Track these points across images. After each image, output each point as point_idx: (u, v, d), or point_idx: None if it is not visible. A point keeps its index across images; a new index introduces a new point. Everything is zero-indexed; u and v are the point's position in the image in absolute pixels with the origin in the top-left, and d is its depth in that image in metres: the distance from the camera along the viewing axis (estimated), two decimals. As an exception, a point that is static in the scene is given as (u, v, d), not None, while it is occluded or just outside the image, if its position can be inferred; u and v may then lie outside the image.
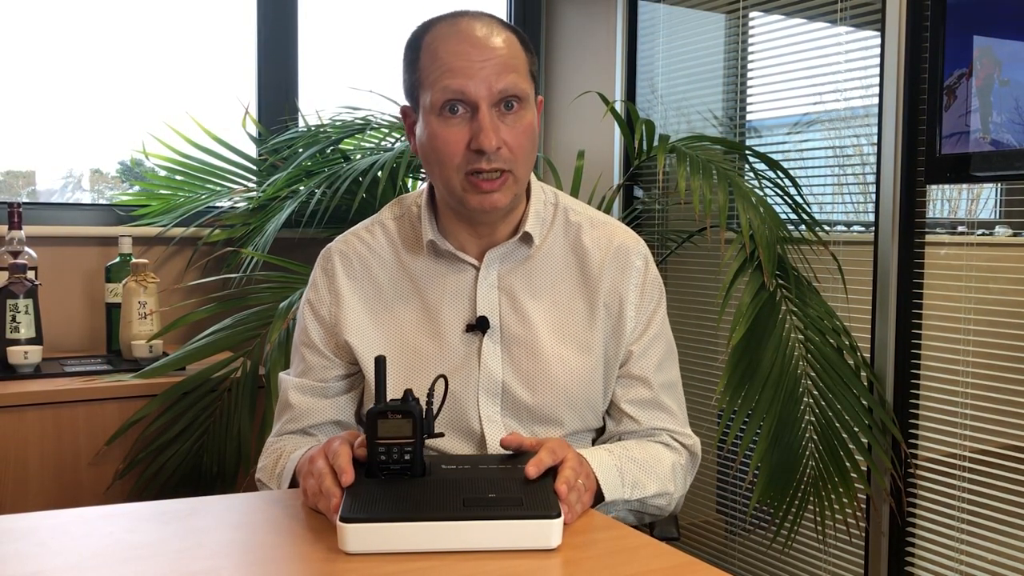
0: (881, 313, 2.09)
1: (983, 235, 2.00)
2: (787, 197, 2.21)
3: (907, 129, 2.01)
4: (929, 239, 2.04)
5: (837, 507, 2.01)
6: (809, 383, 2.01)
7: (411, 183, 2.54)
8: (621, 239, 1.35)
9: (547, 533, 0.99)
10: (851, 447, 2.00)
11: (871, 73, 2.14)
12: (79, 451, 1.92)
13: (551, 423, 1.30)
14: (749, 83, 2.49)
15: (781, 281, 2.06)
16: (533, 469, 1.08)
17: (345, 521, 0.98)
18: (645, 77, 2.76)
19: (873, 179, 2.10)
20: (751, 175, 2.33)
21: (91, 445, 1.92)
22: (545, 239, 1.34)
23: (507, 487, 1.05)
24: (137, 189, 2.64)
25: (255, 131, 2.61)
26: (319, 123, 2.56)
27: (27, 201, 2.43)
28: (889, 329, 2.07)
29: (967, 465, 1.96)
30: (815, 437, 2.00)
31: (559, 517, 1.00)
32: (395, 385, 1.26)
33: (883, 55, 2.05)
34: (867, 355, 2.11)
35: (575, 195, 2.29)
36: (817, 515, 2.03)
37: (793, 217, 2.22)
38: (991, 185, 2.08)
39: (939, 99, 1.91)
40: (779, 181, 2.23)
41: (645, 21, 2.75)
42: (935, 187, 2.06)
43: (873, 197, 2.10)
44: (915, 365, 2.06)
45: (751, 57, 2.49)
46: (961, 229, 2.04)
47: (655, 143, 2.31)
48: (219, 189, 2.53)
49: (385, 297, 1.33)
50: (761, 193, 2.23)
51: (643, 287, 1.34)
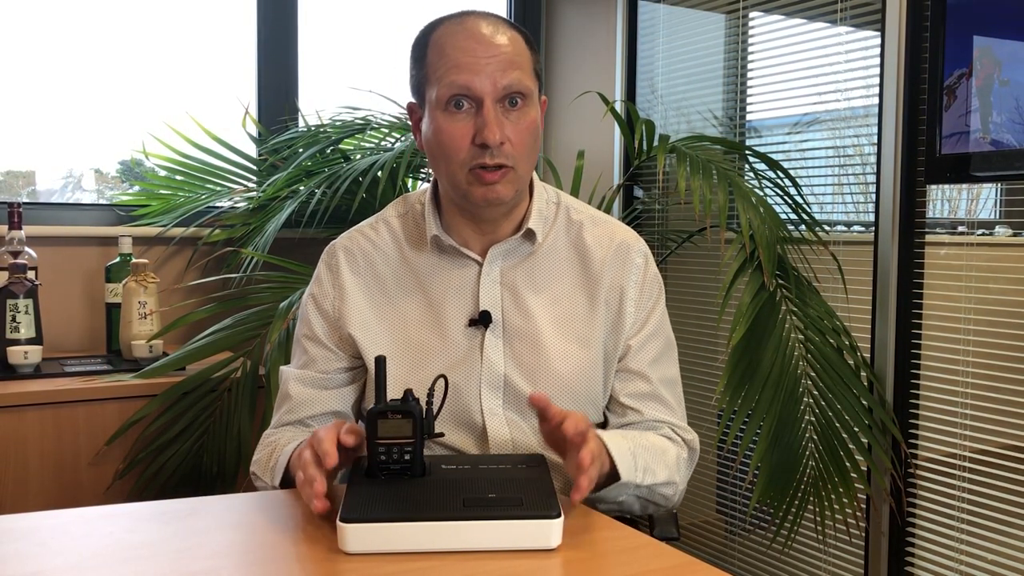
0: (881, 313, 2.09)
1: (983, 235, 2.00)
2: (787, 197, 2.21)
3: (907, 129, 2.01)
4: (929, 239, 2.04)
5: (837, 507, 2.01)
6: (809, 383, 2.01)
7: (411, 183, 2.54)
8: (622, 237, 1.38)
9: (547, 533, 1.00)
10: (851, 447, 2.00)
11: (871, 73, 2.14)
12: (79, 451, 1.92)
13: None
14: (749, 83, 2.49)
15: (781, 281, 2.06)
16: (572, 429, 1.07)
17: (345, 521, 0.98)
18: (645, 77, 2.76)
19: (873, 179, 2.10)
20: (751, 175, 2.33)
21: (91, 445, 1.92)
22: (547, 236, 1.36)
23: (507, 487, 1.06)
24: (137, 189, 2.64)
25: (255, 131, 2.61)
26: (319, 123, 2.56)
27: (27, 201, 2.43)
28: (889, 329, 2.07)
29: (967, 465, 1.96)
30: (815, 437, 2.00)
31: (559, 517, 1.00)
32: (398, 379, 1.28)
33: (883, 55, 2.05)
34: (867, 355, 2.11)
35: (575, 195, 2.28)
36: (817, 515, 2.03)
37: (793, 217, 2.22)
38: (991, 185, 2.08)
39: (939, 99, 1.91)
40: (779, 181, 2.23)
41: (645, 21, 2.75)
42: (935, 187, 2.06)
43: (873, 197, 2.10)
44: (915, 365, 2.06)
45: (751, 57, 2.49)
46: (961, 229, 2.04)
47: (655, 143, 2.31)
48: (219, 189, 2.53)
49: (389, 292, 1.34)
50: (761, 193, 2.23)
51: (643, 283, 1.36)
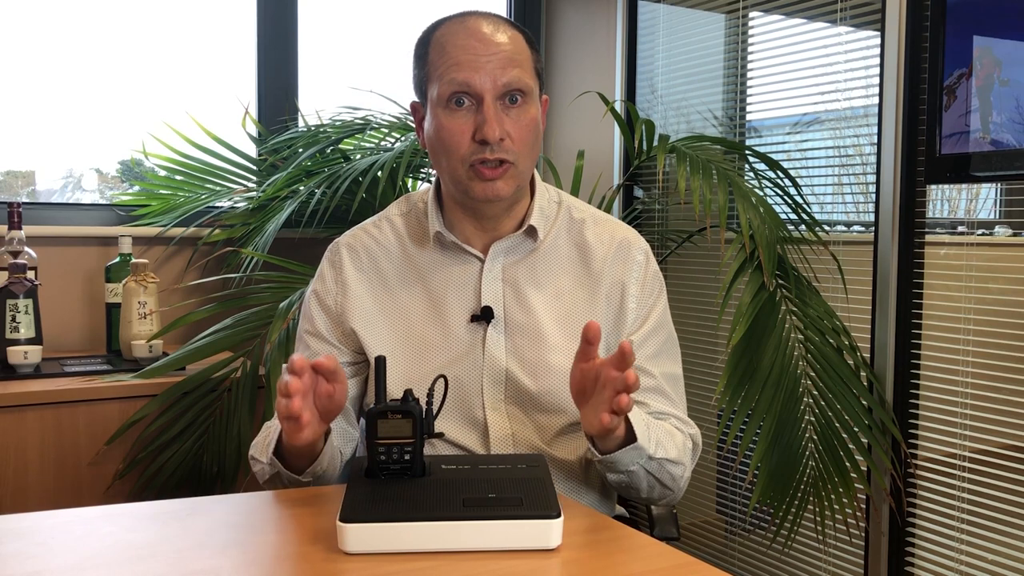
0: (881, 313, 2.08)
1: (983, 235, 2.00)
2: (787, 197, 2.21)
3: (907, 129, 2.01)
4: (929, 239, 2.04)
5: (837, 507, 2.01)
6: (809, 383, 2.01)
7: (411, 183, 2.54)
8: (623, 235, 1.40)
9: (547, 533, 1.00)
10: (851, 447, 2.00)
11: (871, 73, 2.14)
12: (79, 451, 1.92)
13: (554, 411, 1.31)
14: (749, 83, 2.49)
15: (781, 281, 2.06)
16: (628, 346, 1.07)
17: (345, 521, 0.98)
18: (645, 77, 2.76)
19: (873, 179, 2.10)
20: (751, 175, 2.33)
21: (91, 445, 1.92)
22: (549, 234, 1.37)
23: (507, 487, 1.06)
24: (137, 189, 2.64)
25: (255, 131, 2.61)
26: (319, 123, 2.56)
27: (27, 201, 2.43)
28: (889, 329, 2.07)
29: (967, 465, 1.96)
30: (815, 437, 2.00)
31: (559, 517, 1.00)
32: (400, 374, 1.30)
33: (883, 55, 2.05)
34: (867, 355, 2.10)
35: (575, 195, 2.27)
36: (817, 515, 2.03)
37: (793, 217, 2.22)
38: (991, 185, 2.08)
39: (939, 99, 1.91)
40: (779, 181, 2.23)
41: (645, 21, 2.75)
42: (935, 187, 2.06)
43: (873, 197, 2.10)
44: (915, 365, 2.06)
45: (751, 57, 2.49)
46: (961, 229, 2.04)
47: (655, 143, 2.31)
48: (219, 189, 2.53)
49: (391, 287, 1.35)
50: (761, 193, 2.23)
51: (644, 280, 1.38)
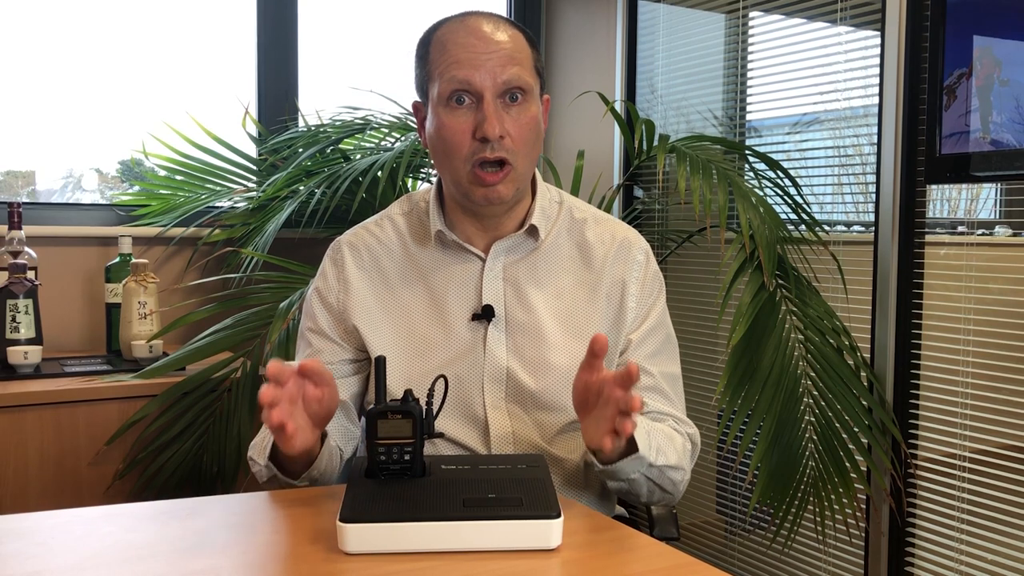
0: (881, 313, 2.08)
1: (983, 235, 2.00)
2: (787, 197, 2.21)
3: (907, 129, 2.01)
4: (929, 239, 2.03)
5: (837, 507, 2.01)
6: (809, 383, 2.01)
7: (411, 183, 2.54)
8: (624, 234, 1.40)
9: (547, 533, 1.00)
10: (851, 447, 2.00)
11: (871, 73, 2.14)
12: (79, 451, 1.92)
13: (554, 409, 1.32)
14: (749, 83, 2.49)
15: (781, 281, 2.06)
16: (635, 365, 1.06)
17: (345, 521, 0.98)
18: (645, 77, 2.76)
19: (873, 179, 2.10)
20: (751, 175, 2.33)
21: (91, 445, 1.92)
22: (550, 233, 1.37)
23: (507, 487, 1.06)
24: (137, 189, 2.64)
25: (255, 131, 2.61)
26: (319, 123, 2.56)
27: (27, 201, 2.43)
28: (889, 329, 2.07)
29: (967, 465, 1.96)
30: (815, 437, 2.00)
31: (559, 517, 1.00)
32: (401, 372, 1.30)
33: (883, 55, 2.05)
34: (867, 355, 2.10)
35: (575, 195, 2.27)
36: (817, 515, 2.03)
37: (793, 217, 2.22)
38: (991, 185, 2.08)
39: (939, 99, 1.91)
40: (779, 181, 2.23)
41: (645, 21, 2.75)
42: (935, 187, 2.06)
43: (873, 197, 2.10)
44: (915, 365, 2.06)
45: (751, 57, 2.49)
46: (961, 229, 2.04)
47: (655, 143, 2.31)
48: (219, 189, 2.53)
49: (393, 286, 1.36)
50: (761, 193, 2.23)
51: (644, 279, 1.38)
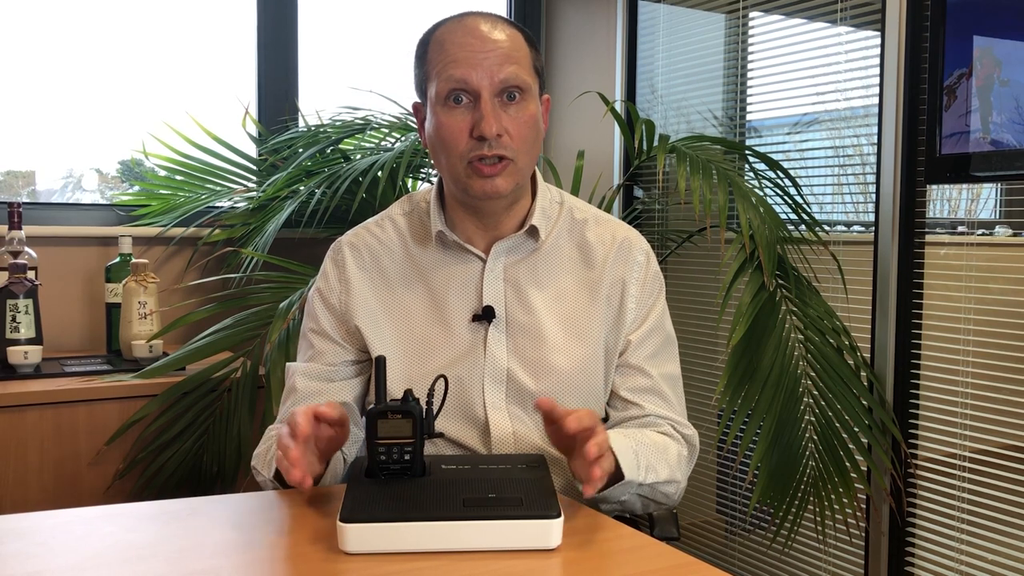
0: (881, 313, 2.08)
1: (983, 235, 2.00)
2: (787, 197, 2.21)
3: (907, 129, 2.01)
4: (929, 239, 2.03)
5: (837, 507, 2.01)
6: (809, 383, 2.01)
7: (411, 183, 2.54)
8: (624, 235, 1.40)
9: (547, 533, 1.00)
10: (851, 447, 2.00)
11: (871, 73, 2.14)
12: (79, 451, 1.92)
13: None
14: (749, 83, 2.49)
15: (781, 281, 2.06)
16: (574, 423, 1.06)
17: (345, 521, 0.98)
18: (645, 77, 2.76)
19: (873, 179, 2.10)
20: (751, 175, 2.33)
21: (91, 445, 1.92)
22: (550, 234, 1.37)
23: (507, 487, 1.06)
24: (137, 189, 2.64)
25: (255, 131, 2.61)
26: (319, 123, 2.56)
27: (27, 201, 2.43)
28: (889, 329, 2.07)
29: (967, 465, 1.96)
30: (815, 437, 2.00)
31: (559, 517, 1.00)
32: (402, 373, 1.30)
33: (883, 55, 2.05)
34: (867, 355, 2.10)
35: (575, 195, 2.27)
36: (817, 515, 2.03)
37: (793, 217, 2.22)
38: (991, 185, 2.08)
39: (939, 99, 1.91)
40: (779, 181, 2.23)
41: (645, 21, 2.75)
42: (935, 187, 2.06)
43: (873, 197, 2.10)
44: (915, 365, 2.06)
45: (751, 57, 2.49)
46: (961, 229, 2.04)
47: (655, 143, 2.31)
48: (219, 189, 2.53)
49: (393, 287, 1.36)
50: (761, 193, 2.23)
51: (644, 280, 1.38)
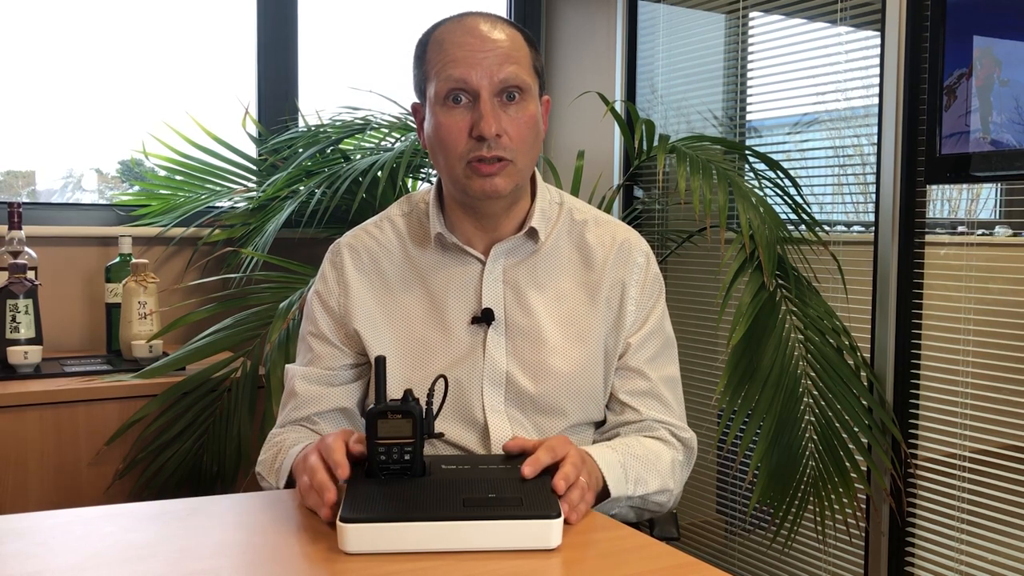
0: (881, 313, 2.08)
1: (983, 235, 2.00)
2: (787, 197, 2.21)
3: (907, 129, 2.01)
4: (929, 239, 2.04)
5: (837, 507, 2.01)
6: (809, 383, 2.01)
7: (411, 183, 2.54)
8: (624, 236, 1.39)
9: (547, 533, 1.00)
10: (851, 447, 2.00)
11: (871, 73, 2.14)
12: (79, 451, 1.92)
13: (554, 413, 1.31)
14: (749, 83, 2.49)
15: (781, 281, 2.06)
16: (529, 469, 1.08)
17: (345, 521, 0.98)
18: (645, 77, 2.76)
19: (873, 179, 2.10)
20: (751, 175, 2.33)
21: (91, 445, 1.92)
22: (550, 235, 1.37)
23: (507, 487, 1.06)
24: (137, 189, 2.64)
25: (255, 131, 2.61)
26: (319, 123, 2.56)
27: (27, 201, 2.43)
28: (889, 329, 2.07)
29: (967, 465, 1.96)
30: (815, 437, 2.00)
31: (559, 517, 1.00)
32: (401, 375, 1.30)
33: (883, 55, 2.05)
34: (867, 355, 2.10)
35: (575, 195, 2.27)
36: (817, 515, 2.03)
37: (793, 217, 2.22)
38: (991, 185, 2.08)
39: (939, 99, 1.91)
40: (779, 181, 2.23)
41: (645, 21, 2.75)
42: (935, 187, 2.06)
43: (873, 197, 2.10)
44: (915, 365, 2.06)
45: (751, 57, 2.49)
46: (961, 229, 2.04)
47: (655, 143, 2.31)
48: (219, 189, 2.53)
49: (392, 289, 1.35)
50: (761, 193, 2.23)
51: (644, 282, 1.38)
